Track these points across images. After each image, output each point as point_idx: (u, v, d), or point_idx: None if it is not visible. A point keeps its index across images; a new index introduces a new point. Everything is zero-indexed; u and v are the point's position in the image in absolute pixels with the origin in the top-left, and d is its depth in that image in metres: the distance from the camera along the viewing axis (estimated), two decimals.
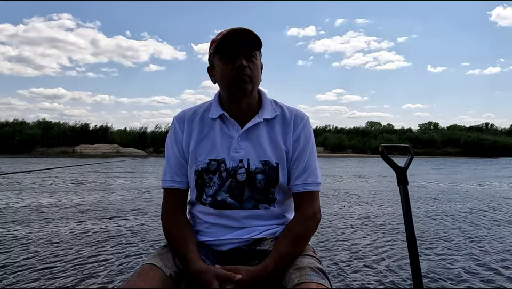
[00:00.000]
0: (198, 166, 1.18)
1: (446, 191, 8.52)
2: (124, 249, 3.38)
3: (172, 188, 1.21)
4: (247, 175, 1.15)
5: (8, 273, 2.71)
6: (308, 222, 1.16)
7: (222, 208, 1.17)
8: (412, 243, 1.21)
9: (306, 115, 1.24)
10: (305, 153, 1.19)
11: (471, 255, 3.28)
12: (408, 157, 1.35)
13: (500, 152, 49.77)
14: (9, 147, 36.22)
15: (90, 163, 16.61)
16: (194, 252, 1.10)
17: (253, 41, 1.13)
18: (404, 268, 2.87)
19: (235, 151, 1.17)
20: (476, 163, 25.81)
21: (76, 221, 4.63)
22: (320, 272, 1.03)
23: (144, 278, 1.00)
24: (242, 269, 1.03)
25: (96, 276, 2.66)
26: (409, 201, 1.25)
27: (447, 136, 56.63)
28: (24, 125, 43.98)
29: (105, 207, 5.71)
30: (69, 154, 37.41)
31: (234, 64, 1.11)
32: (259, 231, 1.18)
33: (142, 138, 45.81)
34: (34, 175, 11.49)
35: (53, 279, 2.60)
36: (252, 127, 1.18)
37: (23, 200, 6.37)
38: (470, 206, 6.20)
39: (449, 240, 3.84)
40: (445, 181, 11.34)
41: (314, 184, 1.18)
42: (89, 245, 3.51)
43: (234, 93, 1.15)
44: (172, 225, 1.18)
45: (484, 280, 2.67)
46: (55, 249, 3.35)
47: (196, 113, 1.24)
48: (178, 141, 1.22)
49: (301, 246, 1.14)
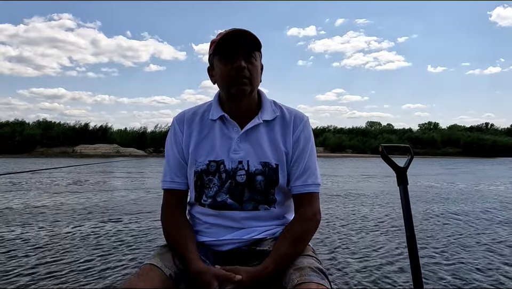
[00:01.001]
0: (198, 167, 1.18)
1: (446, 191, 8.52)
2: (124, 249, 3.38)
3: (172, 189, 1.22)
4: (247, 177, 1.15)
5: (9, 273, 2.71)
6: (307, 223, 1.16)
7: (222, 209, 1.17)
8: (411, 243, 1.20)
9: (306, 116, 1.24)
10: (305, 154, 1.19)
11: (472, 256, 3.28)
12: (408, 157, 1.35)
13: (500, 152, 49.74)
14: (9, 148, 36.19)
15: (92, 163, 16.61)
16: (194, 252, 1.10)
17: (252, 42, 1.13)
18: (403, 268, 2.87)
19: (234, 152, 1.17)
20: (480, 163, 25.79)
21: (76, 221, 4.63)
22: (320, 272, 1.03)
23: (144, 278, 1.00)
24: (242, 270, 1.04)
25: (96, 276, 2.66)
26: (409, 201, 1.25)
27: (447, 136, 56.55)
28: (24, 125, 43.92)
29: (106, 207, 5.70)
30: (69, 154, 37.39)
31: (233, 65, 1.11)
32: (259, 231, 1.18)
33: (142, 138, 45.76)
34: (34, 175, 11.49)
35: (53, 279, 2.60)
36: (252, 128, 1.18)
37: (23, 201, 6.36)
38: (471, 206, 6.20)
39: (450, 240, 3.84)
40: (445, 181, 11.34)
41: (314, 185, 1.18)
42: (89, 245, 3.51)
43: (233, 94, 1.15)
44: (172, 225, 1.18)
45: (484, 281, 2.67)
46: (55, 249, 3.35)
47: (195, 114, 1.24)
48: (178, 142, 1.22)
49: (301, 246, 1.14)
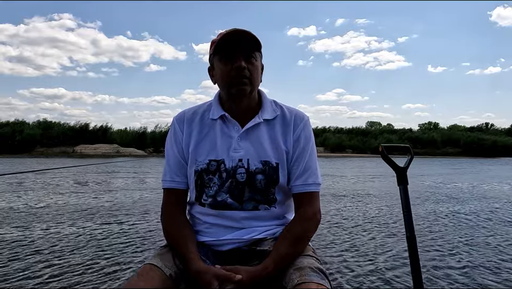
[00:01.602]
0: (198, 166, 1.18)
1: (446, 191, 8.51)
2: (124, 249, 3.38)
3: (172, 188, 1.21)
4: (247, 175, 1.15)
5: (9, 273, 2.71)
6: (308, 223, 1.16)
7: (222, 208, 1.17)
8: (412, 243, 1.20)
9: (307, 116, 1.24)
10: (306, 154, 1.19)
11: (472, 256, 3.28)
12: (408, 157, 1.35)
13: (500, 152, 49.69)
14: (9, 148, 36.16)
15: (96, 163, 16.60)
16: (194, 252, 1.09)
17: (252, 42, 1.13)
18: (404, 268, 2.87)
19: (234, 151, 1.17)
20: (482, 163, 25.74)
21: (76, 222, 4.62)
22: (320, 272, 1.03)
23: (144, 278, 1.00)
24: (242, 269, 1.03)
25: (97, 276, 2.66)
26: (409, 201, 1.25)
27: (447, 136, 56.48)
28: (24, 125, 43.87)
29: (106, 208, 5.70)
30: (69, 154, 37.34)
31: (233, 65, 1.11)
32: (259, 231, 1.18)
33: (142, 138, 45.70)
34: (35, 175, 11.48)
35: (53, 279, 2.60)
36: (252, 127, 1.18)
37: (24, 201, 6.36)
38: (471, 207, 6.19)
39: (450, 240, 3.84)
40: (445, 181, 11.33)
41: (314, 184, 1.18)
42: (89, 245, 3.51)
43: (233, 94, 1.15)
44: (172, 225, 1.18)
45: (485, 281, 2.67)
46: (55, 249, 3.35)
47: (196, 114, 1.24)
48: (178, 141, 1.21)
49: (301, 246, 1.14)
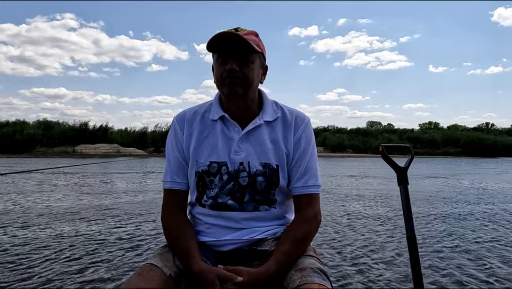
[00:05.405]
0: (199, 167, 1.17)
1: (447, 191, 8.51)
2: (124, 249, 3.38)
3: (172, 189, 1.21)
4: (249, 179, 1.15)
5: (9, 273, 2.71)
6: (309, 224, 1.16)
7: (223, 209, 1.17)
8: (412, 243, 1.20)
9: (307, 117, 1.23)
10: (306, 155, 1.19)
11: (473, 256, 3.28)
12: (408, 156, 1.35)
13: (501, 152, 49.68)
14: (10, 147, 36.17)
15: (97, 162, 16.61)
16: (196, 252, 1.10)
17: (247, 44, 1.09)
18: (404, 268, 2.87)
19: (235, 153, 1.16)
20: (484, 162, 25.70)
21: (76, 222, 4.63)
22: (321, 273, 1.03)
23: (144, 278, 1.00)
24: (244, 271, 1.03)
25: (97, 276, 2.66)
26: (410, 201, 1.25)
27: (448, 136, 56.45)
28: (24, 124, 43.88)
29: (106, 208, 5.71)
30: (69, 154, 37.38)
31: (225, 67, 1.11)
32: (260, 231, 1.18)
33: (143, 138, 45.73)
34: (35, 175, 11.49)
35: (53, 279, 2.60)
36: (253, 129, 1.18)
37: (24, 201, 6.36)
38: (472, 207, 6.19)
39: (450, 240, 3.84)
40: (445, 181, 11.33)
41: (315, 186, 1.18)
42: (90, 245, 3.51)
43: (225, 94, 1.15)
44: (173, 225, 1.18)
45: (485, 281, 2.67)
46: (56, 250, 3.35)
47: (196, 114, 1.23)
48: (179, 142, 1.21)
49: (303, 247, 1.14)
